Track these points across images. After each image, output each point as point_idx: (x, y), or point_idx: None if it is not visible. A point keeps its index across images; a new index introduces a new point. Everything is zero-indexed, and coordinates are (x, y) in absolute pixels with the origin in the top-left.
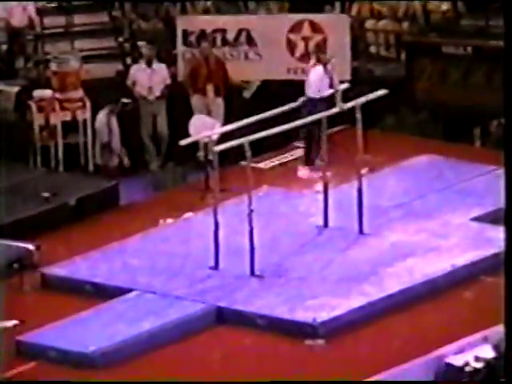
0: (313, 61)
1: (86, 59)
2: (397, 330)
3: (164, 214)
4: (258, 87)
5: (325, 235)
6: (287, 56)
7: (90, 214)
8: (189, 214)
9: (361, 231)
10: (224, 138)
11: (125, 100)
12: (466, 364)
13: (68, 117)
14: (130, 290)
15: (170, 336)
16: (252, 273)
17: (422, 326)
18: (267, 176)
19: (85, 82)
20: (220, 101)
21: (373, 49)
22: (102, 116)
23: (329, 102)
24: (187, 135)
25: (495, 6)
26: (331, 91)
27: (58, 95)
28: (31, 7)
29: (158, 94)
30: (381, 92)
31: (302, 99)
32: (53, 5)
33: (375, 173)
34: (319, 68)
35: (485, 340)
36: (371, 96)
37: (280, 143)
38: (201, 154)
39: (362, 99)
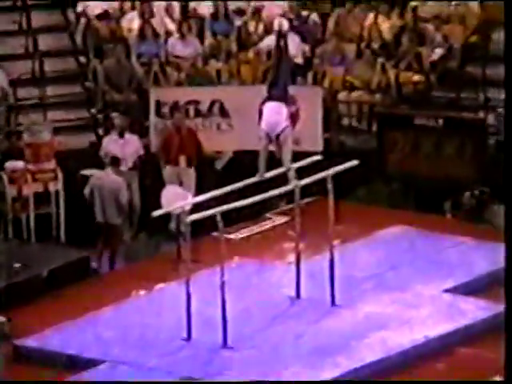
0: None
1: (59, 130)
2: None
3: (136, 284)
4: (231, 158)
5: (297, 306)
6: (259, 128)
7: (62, 285)
8: (161, 286)
9: (333, 302)
10: (196, 208)
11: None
12: None
13: (40, 188)
14: (102, 362)
15: None
16: (224, 344)
17: None
18: (239, 247)
19: (58, 153)
20: (192, 171)
21: (345, 120)
22: (111, 174)
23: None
24: (159, 206)
25: (466, 78)
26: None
27: (30, 166)
28: (4, 79)
29: (130, 164)
30: (352, 163)
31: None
32: (26, 76)
33: (347, 244)
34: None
35: None
36: (343, 167)
37: (252, 214)
38: (173, 224)
39: (334, 170)
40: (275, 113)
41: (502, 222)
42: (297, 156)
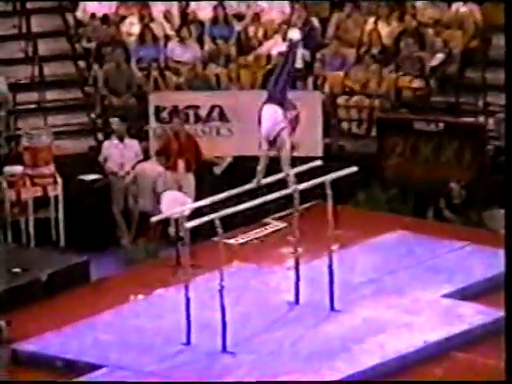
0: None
1: (58, 135)
2: None
3: (135, 289)
4: (230, 163)
5: (296, 311)
6: (259, 132)
7: (61, 290)
8: (160, 290)
9: (332, 307)
10: (195, 213)
11: (94, 177)
12: None
13: (39, 192)
14: (100, 366)
15: None
16: (224, 349)
17: None
18: (238, 252)
19: (57, 157)
20: (191, 176)
21: (344, 125)
22: (154, 163)
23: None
24: (159, 211)
25: (466, 83)
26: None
27: (29, 171)
28: (3, 83)
29: (129, 169)
30: (351, 168)
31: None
32: (25, 81)
33: (346, 249)
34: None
35: None
36: (342, 172)
37: (251, 219)
38: (172, 229)
39: (333, 175)
40: (270, 116)
41: (501, 226)
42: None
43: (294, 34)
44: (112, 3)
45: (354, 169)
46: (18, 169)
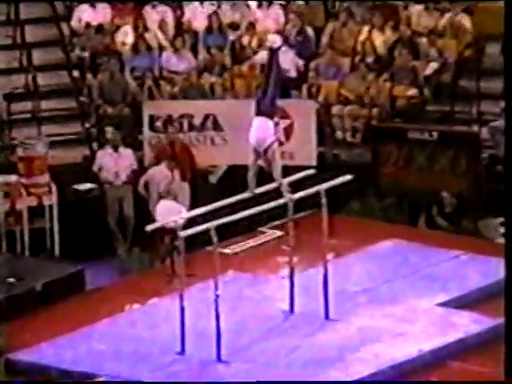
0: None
1: (53, 144)
2: None
3: (130, 299)
4: (225, 172)
5: (291, 320)
6: None
7: (57, 299)
8: (155, 299)
9: (327, 316)
10: (190, 222)
11: (88, 186)
12: None
13: (34, 202)
14: (96, 376)
15: None
16: (218, 358)
17: None
18: (233, 261)
19: (51, 167)
20: (186, 185)
21: (339, 134)
22: (163, 168)
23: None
24: (153, 220)
25: (460, 92)
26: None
27: (24, 180)
28: None
29: (124, 178)
30: (346, 177)
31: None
32: (20, 91)
33: (341, 258)
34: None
35: None
36: (336, 181)
37: (246, 228)
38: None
39: (327, 184)
40: (261, 128)
41: (497, 235)
42: (291, 170)
43: (274, 42)
44: (106, 13)
45: (348, 177)
46: (13, 178)
